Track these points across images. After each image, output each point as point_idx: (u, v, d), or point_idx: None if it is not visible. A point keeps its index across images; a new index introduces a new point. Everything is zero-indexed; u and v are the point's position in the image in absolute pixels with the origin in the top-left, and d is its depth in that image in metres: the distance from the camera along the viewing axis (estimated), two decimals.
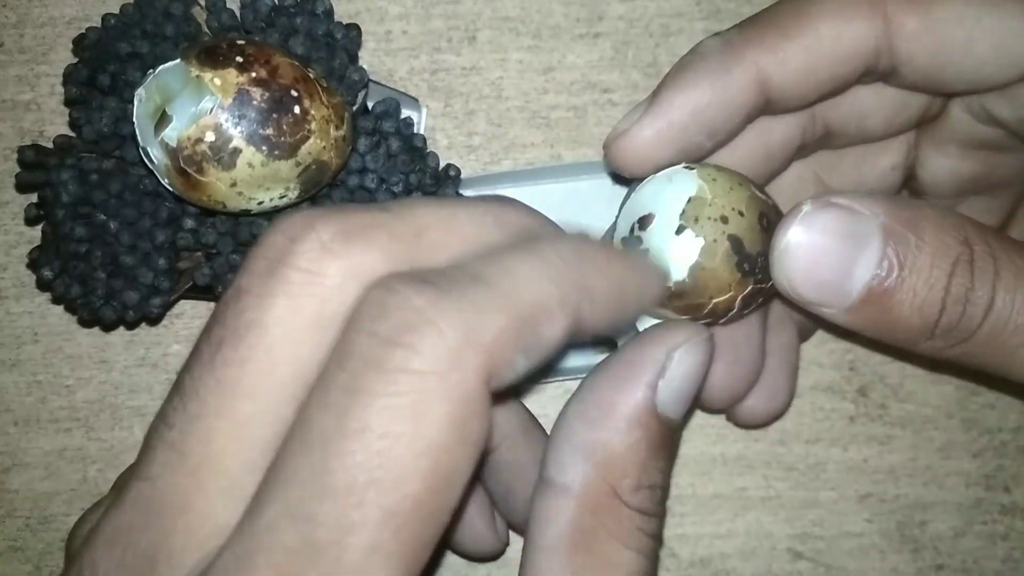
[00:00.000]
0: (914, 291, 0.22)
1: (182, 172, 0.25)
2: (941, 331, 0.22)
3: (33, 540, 0.33)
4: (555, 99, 0.34)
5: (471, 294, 0.17)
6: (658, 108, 0.25)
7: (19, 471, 0.33)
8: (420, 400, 0.16)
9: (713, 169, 0.25)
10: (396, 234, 0.19)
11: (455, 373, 0.17)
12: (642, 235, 0.24)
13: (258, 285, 0.18)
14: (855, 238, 0.22)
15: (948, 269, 0.22)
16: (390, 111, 0.29)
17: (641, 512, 0.21)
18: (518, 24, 0.34)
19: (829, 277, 0.22)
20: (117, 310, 0.29)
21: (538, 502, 0.22)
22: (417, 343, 0.17)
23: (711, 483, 0.33)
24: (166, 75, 0.26)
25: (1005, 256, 0.22)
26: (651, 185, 0.25)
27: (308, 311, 0.18)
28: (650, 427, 0.22)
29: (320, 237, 0.18)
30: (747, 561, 0.33)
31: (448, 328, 0.17)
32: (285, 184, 0.26)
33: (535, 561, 0.21)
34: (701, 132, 0.25)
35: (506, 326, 0.17)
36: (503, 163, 0.34)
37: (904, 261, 0.22)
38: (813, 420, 0.34)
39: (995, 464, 0.33)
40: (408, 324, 0.17)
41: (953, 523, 0.33)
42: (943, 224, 0.22)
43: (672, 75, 0.25)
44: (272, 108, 0.25)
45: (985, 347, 0.23)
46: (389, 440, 0.16)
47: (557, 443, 0.22)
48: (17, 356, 0.33)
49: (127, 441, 0.33)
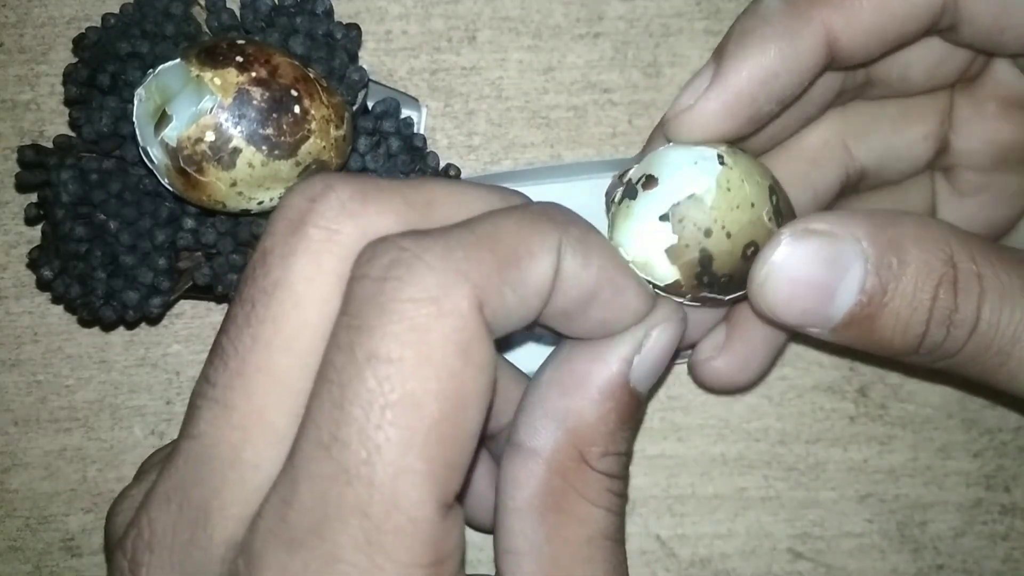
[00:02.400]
0: (897, 314, 0.22)
1: (182, 172, 0.25)
2: (925, 349, 0.22)
3: (33, 540, 0.33)
4: (555, 99, 0.34)
5: (454, 236, 0.18)
6: (724, 78, 0.24)
7: (19, 471, 0.33)
8: (417, 325, 0.17)
9: (740, 174, 0.23)
10: (409, 201, 0.19)
11: (447, 300, 0.18)
12: (639, 191, 0.23)
13: (281, 244, 0.19)
14: (836, 264, 0.22)
15: (931, 292, 0.22)
16: (390, 111, 0.29)
17: (608, 475, 0.22)
18: (518, 24, 0.34)
19: (811, 305, 0.22)
20: (117, 310, 0.29)
21: (508, 465, 0.22)
22: (405, 275, 0.18)
23: (711, 483, 0.33)
24: (166, 75, 0.26)
25: (991, 272, 0.22)
26: (680, 154, 0.24)
27: (329, 267, 0.19)
28: (622, 399, 0.22)
29: (339, 196, 0.19)
30: (747, 561, 0.33)
31: (433, 260, 0.18)
32: (285, 184, 0.26)
33: (507, 522, 0.22)
34: (771, 101, 0.24)
35: (488, 258, 0.18)
36: (503, 163, 0.34)
37: (886, 286, 0.22)
38: (813, 420, 0.34)
39: (995, 464, 0.33)
40: (395, 260, 0.18)
41: (953, 523, 0.33)
42: (926, 242, 0.22)
43: (735, 41, 0.24)
44: (272, 108, 0.25)
45: (969, 363, 0.23)
46: (395, 365, 0.17)
47: (529, 408, 0.23)
48: (17, 356, 0.33)
49: (127, 441, 0.33)
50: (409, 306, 0.17)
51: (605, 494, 0.22)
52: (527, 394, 0.23)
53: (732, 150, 0.24)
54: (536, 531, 0.22)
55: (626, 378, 0.22)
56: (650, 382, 0.23)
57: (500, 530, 0.22)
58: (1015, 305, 0.22)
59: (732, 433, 0.34)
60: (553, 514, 0.22)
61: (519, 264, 0.19)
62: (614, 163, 0.33)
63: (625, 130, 0.34)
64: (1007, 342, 0.22)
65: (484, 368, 0.18)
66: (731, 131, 0.24)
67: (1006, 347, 0.22)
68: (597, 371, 0.22)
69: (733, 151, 0.24)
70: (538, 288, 0.19)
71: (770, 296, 0.22)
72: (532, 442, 0.22)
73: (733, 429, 0.33)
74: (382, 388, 0.17)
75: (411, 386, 0.17)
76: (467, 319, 0.18)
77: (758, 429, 0.33)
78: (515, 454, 0.22)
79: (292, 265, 0.19)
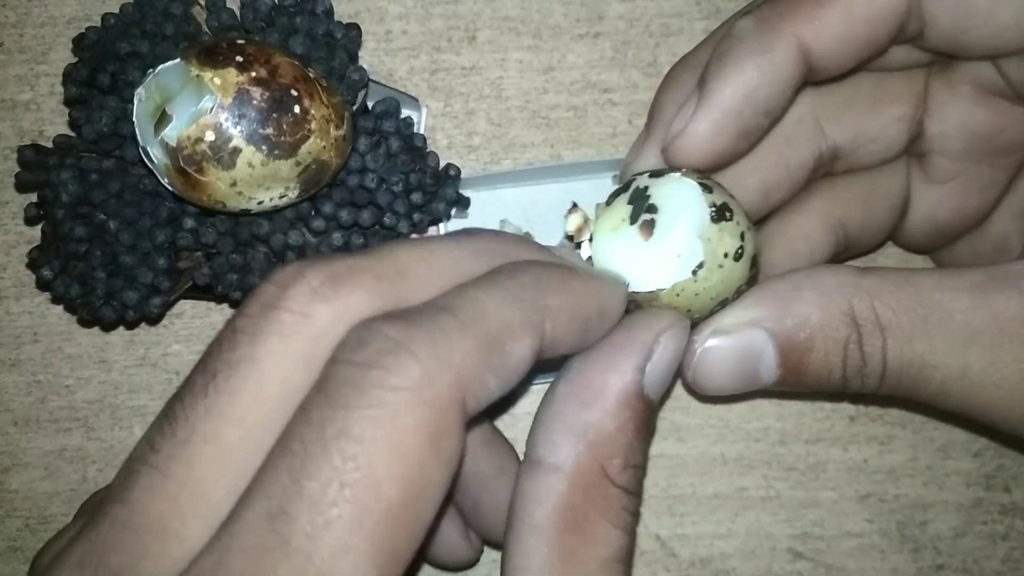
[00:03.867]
0: (816, 376, 0.25)
1: (182, 172, 0.25)
2: (850, 391, 0.25)
3: (33, 540, 0.33)
4: (555, 99, 0.34)
5: (439, 322, 0.19)
6: (709, 99, 0.25)
7: (19, 471, 0.33)
8: (395, 412, 0.18)
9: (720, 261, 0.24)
10: (380, 274, 0.20)
11: (428, 390, 0.18)
12: (655, 219, 0.25)
13: (252, 325, 0.19)
14: (750, 354, 0.25)
15: (840, 354, 0.24)
16: (390, 111, 0.29)
17: (626, 491, 0.22)
18: (518, 24, 0.34)
19: (740, 385, 0.25)
20: (117, 310, 0.29)
21: (526, 482, 0.22)
22: (392, 364, 0.18)
23: (711, 483, 0.33)
24: (166, 75, 0.26)
25: (891, 317, 0.24)
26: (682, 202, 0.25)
27: (299, 348, 0.19)
28: (637, 408, 0.23)
29: (310, 283, 0.19)
30: (747, 561, 0.33)
31: (419, 350, 0.18)
32: (285, 184, 0.26)
33: (523, 541, 0.22)
34: (757, 114, 0.25)
35: (473, 347, 0.19)
36: (503, 163, 0.34)
37: (799, 360, 0.25)
38: (813, 420, 0.34)
39: (995, 464, 0.33)
40: (382, 349, 0.18)
41: (953, 523, 0.33)
42: (828, 308, 0.24)
43: (715, 64, 0.25)
44: (272, 108, 0.25)
45: (893, 393, 0.25)
46: (365, 445, 0.17)
47: (547, 423, 0.23)
48: (17, 356, 0.33)
49: (127, 441, 0.33)
50: (389, 393, 0.18)
51: (622, 513, 0.22)
52: (542, 408, 0.23)
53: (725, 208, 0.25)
54: (552, 551, 0.22)
55: (640, 386, 0.23)
56: (662, 389, 0.24)
57: (514, 546, 0.22)
58: (914, 345, 0.24)
59: (732, 433, 0.34)
60: (572, 535, 0.22)
61: (502, 349, 0.19)
62: (614, 163, 0.33)
63: (625, 130, 0.34)
64: (911, 380, 0.24)
65: (450, 461, 0.18)
66: (724, 148, 0.25)
67: (912, 383, 0.25)
68: (613, 381, 0.23)
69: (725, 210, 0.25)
70: (519, 367, 0.20)
71: (704, 386, 0.26)
72: (553, 457, 0.22)
73: (733, 429, 0.33)
74: (345, 466, 0.17)
75: (375, 468, 0.17)
76: (444, 411, 0.18)
77: (758, 429, 0.33)
78: (534, 470, 0.22)
79: (261, 343, 0.19)
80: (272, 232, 0.28)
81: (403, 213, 0.29)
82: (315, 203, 0.28)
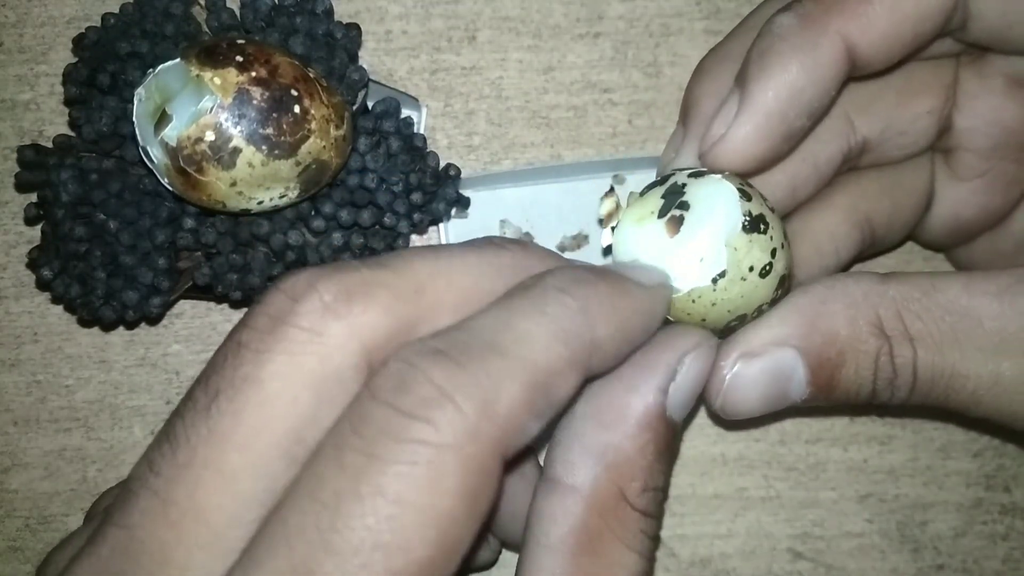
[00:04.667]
0: (846, 391, 0.24)
1: (182, 171, 0.25)
2: (877, 403, 0.25)
3: (33, 540, 0.33)
4: (555, 99, 0.34)
5: (487, 365, 0.18)
6: (752, 102, 0.24)
7: (19, 471, 0.33)
8: (435, 471, 0.17)
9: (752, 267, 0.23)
10: (396, 292, 0.19)
11: (471, 446, 0.17)
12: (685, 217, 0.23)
13: (258, 341, 0.18)
14: (780, 375, 0.24)
15: (871, 368, 0.24)
16: (390, 111, 0.29)
17: (645, 514, 0.22)
18: (518, 24, 0.34)
19: (769, 407, 0.24)
20: (117, 310, 0.29)
21: (542, 501, 0.22)
22: (436, 417, 0.17)
23: (711, 483, 0.33)
24: (166, 74, 0.26)
25: (922, 328, 0.23)
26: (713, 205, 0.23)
27: (307, 369, 0.18)
28: (659, 430, 0.22)
29: (322, 297, 0.18)
30: (747, 561, 0.33)
31: (465, 402, 0.17)
32: (285, 184, 0.26)
33: (537, 560, 0.21)
34: (801, 116, 0.24)
35: (520, 395, 0.18)
36: (503, 163, 0.34)
37: (829, 377, 0.24)
38: (813, 420, 0.34)
39: (995, 464, 0.33)
40: (427, 399, 0.17)
41: (953, 523, 0.33)
42: (857, 321, 0.23)
43: (755, 63, 0.24)
44: (272, 107, 0.25)
45: (917, 405, 0.25)
46: (401, 507, 0.17)
47: (566, 443, 0.22)
48: (17, 356, 0.33)
49: (127, 441, 0.33)
50: (432, 451, 0.17)
51: (639, 536, 0.22)
52: (561, 428, 0.22)
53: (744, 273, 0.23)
54: (566, 572, 0.21)
55: (663, 408, 0.22)
56: (685, 411, 0.23)
57: (528, 566, 0.22)
58: (945, 354, 0.23)
59: (732, 433, 0.34)
60: (587, 557, 0.21)
61: (548, 393, 0.19)
62: (614, 163, 0.33)
63: (625, 130, 0.34)
64: (941, 391, 0.24)
65: (485, 513, 0.18)
66: (767, 152, 0.24)
67: (942, 393, 0.24)
68: (634, 403, 0.22)
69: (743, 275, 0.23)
70: (560, 405, 0.19)
71: (731, 412, 0.24)
72: (570, 479, 0.21)
73: (733, 429, 0.33)
74: (379, 527, 0.16)
75: (409, 532, 0.17)
76: (486, 467, 0.17)
77: (758, 429, 0.33)
78: (551, 490, 0.22)
79: (266, 362, 0.18)
80: (272, 232, 0.28)
81: (403, 213, 0.29)
82: (315, 203, 0.28)
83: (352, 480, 0.17)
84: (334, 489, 0.17)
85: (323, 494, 0.17)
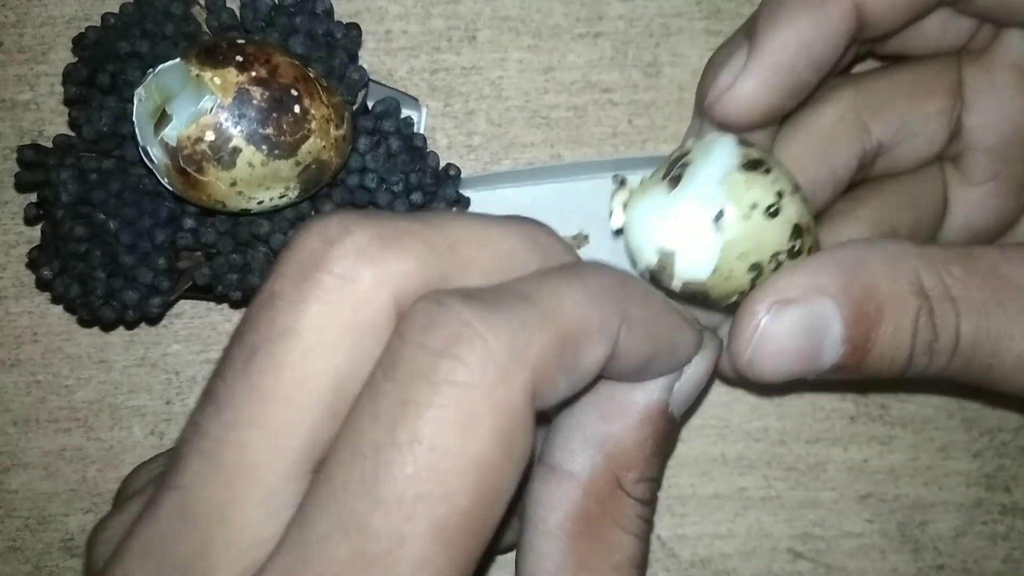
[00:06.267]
0: (881, 355, 0.22)
1: (182, 171, 0.25)
2: (912, 374, 0.23)
3: (32, 540, 0.33)
4: (555, 99, 0.34)
5: (518, 311, 0.17)
6: (762, 52, 0.24)
7: (19, 471, 0.33)
8: (468, 413, 0.16)
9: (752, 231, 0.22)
10: (431, 244, 0.18)
11: (502, 387, 0.17)
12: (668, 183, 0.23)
13: (291, 290, 0.18)
14: (816, 330, 0.22)
15: (911, 328, 0.22)
16: (390, 111, 0.29)
17: (640, 501, 0.22)
18: (518, 24, 0.34)
19: (798, 368, 0.22)
20: (117, 310, 0.29)
21: (541, 487, 0.22)
22: (466, 355, 0.17)
23: (711, 483, 0.33)
24: (166, 74, 0.26)
25: (963, 291, 0.22)
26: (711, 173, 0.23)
27: (342, 318, 0.18)
28: (659, 425, 0.22)
29: (356, 241, 0.18)
30: (747, 561, 0.33)
31: (495, 342, 0.17)
32: (285, 183, 0.26)
33: (536, 545, 0.22)
34: (808, 68, 0.24)
35: (550, 344, 0.17)
36: (503, 163, 0.34)
37: (868, 335, 0.22)
38: (813, 420, 0.34)
39: (995, 464, 0.33)
40: (457, 336, 0.17)
41: (953, 523, 0.33)
42: (897, 278, 0.22)
43: (765, 16, 0.24)
44: (272, 107, 0.25)
45: (955, 376, 0.23)
46: (438, 453, 0.16)
47: (566, 431, 0.22)
48: (17, 356, 0.33)
49: (127, 441, 0.33)
50: (464, 392, 0.16)
51: (636, 520, 0.22)
52: (563, 415, 0.23)
53: (747, 210, 0.22)
54: (565, 556, 0.22)
55: (666, 404, 0.22)
56: (686, 407, 0.23)
57: (527, 551, 0.22)
58: (990, 317, 0.22)
59: (732, 433, 0.33)
60: (584, 540, 0.22)
61: (577, 350, 0.18)
62: (614, 163, 0.33)
63: (625, 130, 0.34)
64: (986, 356, 0.22)
65: (521, 460, 0.17)
66: (774, 105, 0.24)
67: (986, 360, 0.23)
68: (638, 398, 0.22)
69: (746, 212, 0.22)
70: (589, 372, 0.19)
71: (759, 369, 0.23)
72: (569, 465, 0.22)
73: (733, 429, 0.33)
74: (420, 476, 0.16)
75: (450, 478, 0.16)
76: (519, 411, 0.17)
77: (758, 429, 0.33)
78: (549, 476, 0.22)
79: (302, 313, 0.17)
80: (272, 232, 0.28)
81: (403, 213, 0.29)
82: (315, 203, 0.28)
83: (388, 429, 0.17)
84: (371, 440, 0.17)
85: (363, 446, 0.17)
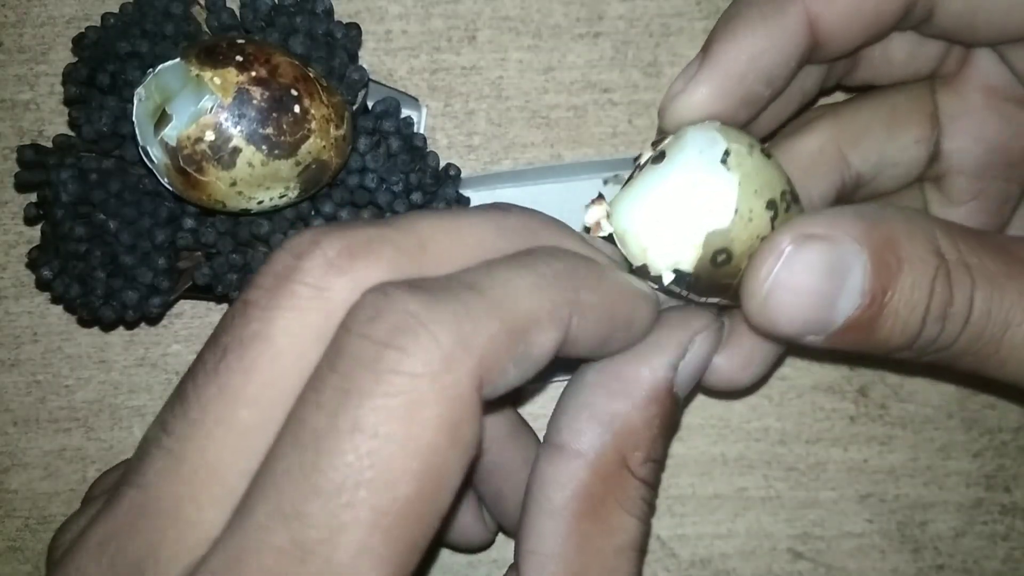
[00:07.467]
0: (896, 313, 0.22)
1: (182, 171, 0.25)
2: (920, 345, 0.22)
3: (32, 540, 0.33)
4: (555, 99, 0.34)
5: (464, 300, 0.18)
6: (714, 60, 0.24)
7: (19, 471, 0.33)
8: (412, 401, 0.17)
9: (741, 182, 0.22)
10: (400, 247, 0.19)
11: (447, 376, 0.17)
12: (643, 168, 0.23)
13: (265, 298, 0.18)
14: (837, 270, 0.21)
15: (928, 287, 0.22)
16: (390, 111, 0.29)
17: (645, 483, 0.22)
18: (518, 24, 0.34)
19: (813, 315, 0.22)
20: (117, 310, 0.29)
21: (546, 466, 0.22)
22: (410, 345, 0.17)
23: (711, 483, 0.33)
24: (166, 74, 0.26)
25: (978, 262, 0.22)
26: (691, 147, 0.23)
27: (314, 324, 0.18)
28: (665, 404, 0.23)
29: (326, 254, 0.18)
30: (747, 561, 0.33)
31: (441, 331, 0.17)
32: (285, 183, 0.26)
33: (539, 523, 0.22)
34: (759, 80, 0.24)
35: (497, 333, 0.18)
36: (503, 163, 0.34)
37: (887, 286, 0.21)
38: (813, 420, 0.34)
39: (995, 464, 0.33)
40: (401, 326, 0.17)
41: (953, 523, 0.33)
42: (917, 237, 0.22)
43: (723, 24, 0.25)
44: (272, 107, 0.25)
45: (961, 355, 0.23)
46: (380, 440, 0.16)
47: (573, 410, 0.23)
48: (17, 356, 0.33)
49: (126, 441, 0.33)
50: (407, 380, 0.17)
51: (639, 503, 0.22)
52: (569, 394, 0.23)
53: (747, 149, 0.23)
54: (568, 535, 0.22)
55: (671, 383, 0.23)
56: (690, 387, 0.24)
57: (529, 530, 0.22)
58: (1003, 291, 0.22)
59: (732, 433, 0.34)
60: (588, 520, 0.22)
61: (527, 337, 0.18)
62: (614, 163, 0.33)
63: (625, 130, 0.34)
64: (998, 329, 0.22)
65: (468, 449, 0.18)
66: (724, 112, 0.25)
67: (996, 335, 0.22)
68: (645, 376, 0.22)
69: (747, 150, 0.23)
70: (540, 359, 0.19)
71: (774, 311, 0.22)
72: (576, 444, 0.22)
73: (733, 429, 0.33)
74: (361, 464, 0.16)
75: (391, 465, 0.17)
76: (464, 399, 0.17)
77: (758, 429, 0.33)
78: (556, 455, 0.22)
79: (274, 319, 0.18)
80: (272, 232, 0.28)
81: (403, 213, 0.29)
82: (315, 203, 0.28)
83: (330, 417, 0.17)
84: (313, 428, 0.17)
85: (304, 435, 0.17)
